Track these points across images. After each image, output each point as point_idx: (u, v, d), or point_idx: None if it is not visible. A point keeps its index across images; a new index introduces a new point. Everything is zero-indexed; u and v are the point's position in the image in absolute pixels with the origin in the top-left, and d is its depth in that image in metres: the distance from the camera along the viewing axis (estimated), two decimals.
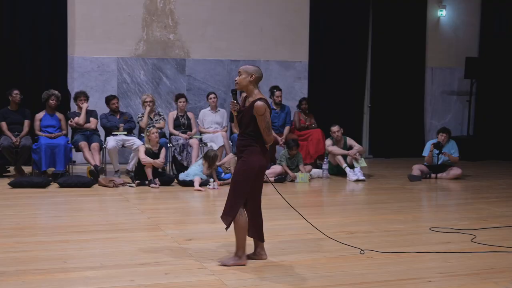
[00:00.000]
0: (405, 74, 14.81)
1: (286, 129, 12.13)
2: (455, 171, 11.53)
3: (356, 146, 11.58)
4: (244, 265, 5.59)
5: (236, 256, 5.64)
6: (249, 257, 5.79)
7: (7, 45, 11.99)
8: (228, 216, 5.58)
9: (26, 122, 10.94)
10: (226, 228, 5.65)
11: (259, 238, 5.82)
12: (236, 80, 5.68)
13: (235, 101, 5.72)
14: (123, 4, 12.72)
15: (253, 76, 5.57)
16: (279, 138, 11.87)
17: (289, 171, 10.93)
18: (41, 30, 12.18)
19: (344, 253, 6.09)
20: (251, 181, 5.55)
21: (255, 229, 5.76)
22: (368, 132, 14.86)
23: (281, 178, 10.74)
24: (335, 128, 11.52)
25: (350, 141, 11.69)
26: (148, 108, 11.26)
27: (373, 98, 14.77)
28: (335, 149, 11.49)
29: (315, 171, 11.40)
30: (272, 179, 10.66)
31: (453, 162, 11.62)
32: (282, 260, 5.82)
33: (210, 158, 10.25)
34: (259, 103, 5.47)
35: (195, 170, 10.28)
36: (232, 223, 5.58)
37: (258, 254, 5.85)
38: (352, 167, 11.32)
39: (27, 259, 5.70)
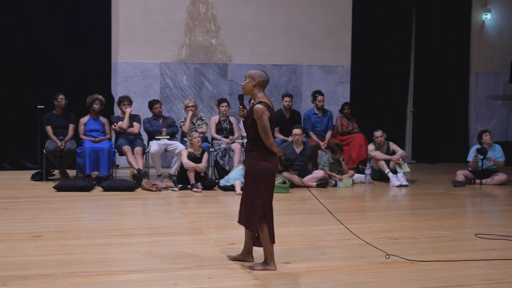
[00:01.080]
0: (449, 78, 14.62)
1: (328, 134, 12.08)
2: (500, 177, 11.34)
3: (399, 151, 11.47)
4: (274, 270, 5.56)
5: (265, 263, 5.62)
6: (235, 258, 5.85)
7: (52, 51, 12.19)
8: (251, 222, 5.60)
9: (71, 126, 11.09)
10: (255, 233, 5.68)
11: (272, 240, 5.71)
12: (242, 85, 5.70)
13: (241, 106, 5.75)
14: (166, 9, 12.83)
15: (256, 80, 5.56)
16: (321, 143, 11.82)
17: (334, 174, 10.87)
18: (85, 36, 12.36)
19: (387, 259, 6.02)
20: (262, 184, 5.54)
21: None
22: (411, 137, 14.70)
23: (323, 183, 10.69)
24: (378, 133, 11.43)
25: (393, 146, 11.58)
26: (190, 113, 11.32)
27: (416, 103, 14.60)
28: (378, 154, 11.39)
29: (357, 176, 11.31)
30: (313, 184, 10.63)
31: (498, 168, 11.43)
32: (324, 266, 5.79)
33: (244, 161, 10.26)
34: (257, 106, 5.47)
35: (236, 174, 10.29)
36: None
37: (244, 255, 5.85)
38: (395, 172, 11.22)
39: (72, 262, 5.77)
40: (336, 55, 13.88)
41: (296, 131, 10.92)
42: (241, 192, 9.59)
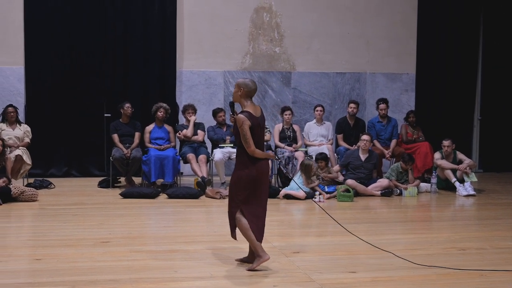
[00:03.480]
0: None
1: (393, 142, 11.93)
2: None
3: (467, 160, 11.24)
4: (268, 259, 5.76)
5: (257, 257, 5.80)
6: (242, 260, 6.06)
7: (119, 60, 12.43)
8: (231, 228, 5.98)
9: (137, 134, 11.26)
10: (235, 237, 6.03)
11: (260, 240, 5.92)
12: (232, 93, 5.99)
13: (232, 113, 5.94)
14: (230, 18, 12.93)
15: (242, 90, 5.82)
16: (386, 151, 11.66)
17: (399, 184, 10.73)
18: (151, 45, 12.56)
19: (455, 270, 5.89)
20: (241, 192, 5.77)
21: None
22: (478, 146, 14.39)
23: (387, 192, 10.55)
24: (447, 143, 11.20)
25: (460, 155, 11.35)
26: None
27: (483, 110, 14.29)
28: (444, 163, 11.19)
29: (423, 185, 11.13)
30: (378, 192, 10.51)
31: None
32: (390, 276, 5.70)
33: (303, 167, 10.22)
34: (239, 116, 5.71)
35: (296, 182, 10.25)
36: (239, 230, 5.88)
37: (250, 257, 6.00)
38: (462, 181, 10.99)
39: (139, 268, 5.85)
40: (401, 62, 13.72)
41: (365, 136, 10.84)
42: (304, 197, 9.74)
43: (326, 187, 10.41)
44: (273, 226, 8.05)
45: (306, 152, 11.47)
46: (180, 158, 11.06)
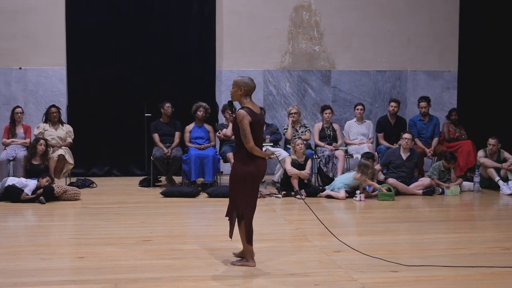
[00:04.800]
0: None
1: (435, 140, 11.78)
2: None
3: (511, 159, 11.04)
4: (253, 266, 5.83)
5: (246, 259, 5.92)
6: (238, 255, 6.11)
7: (159, 60, 12.52)
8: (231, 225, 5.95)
9: (177, 134, 11.32)
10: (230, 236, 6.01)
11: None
12: (230, 92, 6.00)
13: (230, 112, 6.02)
14: (269, 17, 12.92)
15: (242, 89, 5.86)
16: (427, 150, 11.52)
17: (441, 183, 10.59)
18: (190, 45, 12.64)
19: (499, 269, 5.80)
20: (239, 187, 5.81)
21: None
22: None
23: (429, 191, 10.43)
24: (493, 141, 11.01)
25: (504, 153, 11.16)
26: (290, 120, 11.32)
27: None
28: (488, 162, 11.01)
29: (465, 184, 10.97)
30: (419, 191, 10.39)
31: None
32: (433, 275, 5.63)
33: (362, 166, 10.11)
34: (239, 111, 5.76)
35: (342, 181, 10.19)
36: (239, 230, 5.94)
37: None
38: (506, 180, 10.81)
39: (181, 266, 5.88)
40: (443, 60, 13.55)
41: (406, 135, 10.74)
42: (344, 198, 9.70)
43: (367, 186, 10.34)
44: (313, 225, 8.00)
45: (346, 151, 11.41)
46: (220, 157, 11.08)
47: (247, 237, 5.87)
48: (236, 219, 5.90)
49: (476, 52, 13.52)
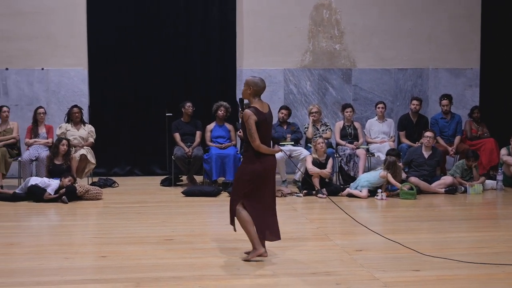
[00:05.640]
0: None
1: (457, 138, 11.69)
2: None
3: None
4: (264, 255, 5.97)
5: (253, 249, 6.00)
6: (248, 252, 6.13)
7: (179, 60, 12.56)
8: (231, 219, 6.09)
9: (198, 133, 11.35)
10: (234, 229, 6.18)
11: (262, 237, 6.07)
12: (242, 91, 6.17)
13: (240, 109, 6.15)
14: (290, 16, 12.90)
15: (251, 88, 6.01)
16: (449, 148, 11.44)
17: (464, 182, 10.51)
18: (211, 44, 12.65)
19: None
20: (245, 185, 5.93)
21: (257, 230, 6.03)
22: None
23: (451, 190, 10.35)
24: None
25: None
26: (311, 118, 11.30)
27: None
28: (511, 160, 10.91)
29: (488, 182, 10.87)
30: (442, 190, 10.33)
31: None
32: (455, 274, 5.59)
33: (390, 164, 10.05)
34: (246, 110, 5.92)
35: (366, 179, 10.15)
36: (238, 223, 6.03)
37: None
38: None
39: (202, 265, 5.89)
40: (464, 57, 13.44)
41: (428, 133, 10.68)
42: (366, 197, 9.66)
43: (390, 185, 10.27)
44: (335, 224, 8.02)
45: (367, 150, 11.36)
46: (241, 156, 11.05)
47: (246, 225, 5.99)
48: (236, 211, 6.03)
49: (499, 49, 13.38)
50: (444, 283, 5.33)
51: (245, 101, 6.16)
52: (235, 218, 6.04)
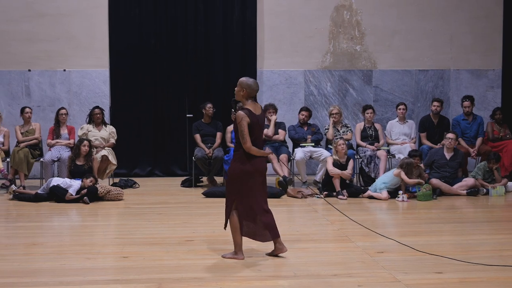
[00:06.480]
0: None
1: (479, 140, 11.60)
2: None
3: None
4: (241, 259, 6.07)
5: (234, 253, 6.17)
6: (270, 254, 6.27)
7: (200, 61, 12.59)
8: (225, 222, 6.23)
9: (218, 134, 11.36)
10: (224, 227, 6.29)
11: (253, 237, 6.28)
12: (235, 91, 6.20)
13: (233, 110, 6.26)
14: (310, 17, 12.89)
15: (245, 90, 6.09)
16: (471, 150, 11.35)
17: (485, 184, 10.44)
18: (231, 45, 12.67)
19: None
20: (235, 185, 6.05)
21: (248, 229, 6.22)
22: None
23: (473, 191, 10.28)
24: None
25: None
26: (331, 120, 11.28)
27: None
28: None
29: (510, 184, 10.77)
30: (463, 192, 10.26)
31: None
32: (478, 277, 5.54)
33: (406, 165, 10.03)
34: (239, 112, 5.97)
35: (383, 181, 10.12)
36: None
37: (277, 249, 6.23)
38: None
39: (224, 266, 5.90)
40: (486, 58, 13.33)
41: (450, 135, 10.61)
42: (387, 198, 9.63)
43: (410, 187, 10.22)
44: (356, 226, 7.96)
45: (388, 151, 11.32)
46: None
47: (234, 230, 6.14)
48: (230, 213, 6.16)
49: None
50: (467, 286, 5.29)
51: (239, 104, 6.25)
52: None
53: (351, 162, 10.34)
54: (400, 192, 9.88)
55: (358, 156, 11.21)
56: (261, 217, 6.15)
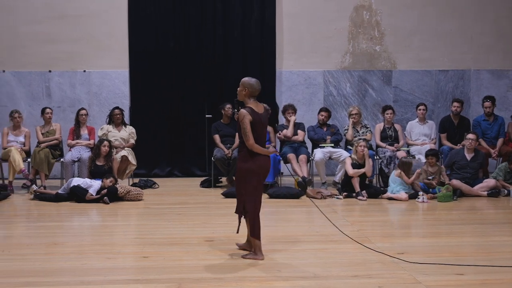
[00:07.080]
0: None
1: (500, 141, 11.51)
2: None
3: None
4: (261, 260, 6.10)
5: (254, 253, 6.22)
6: (242, 247, 6.52)
7: (219, 62, 12.61)
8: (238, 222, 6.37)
9: (237, 135, 11.35)
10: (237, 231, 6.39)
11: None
12: (237, 91, 6.30)
13: (236, 110, 6.31)
14: (329, 17, 12.86)
15: (246, 90, 6.19)
16: (492, 151, 11.27)
17: (507, 185, 10.36)
18: (250, 46, 12.67)
19: None
20: (245, 185, 6.14)
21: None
22: None
23: (494, 193, 10.20)
24: None
25: None
26: (351, 120, 11.26)
27: None
28: None
29: None
30: (484, 193, 10.18)
31: None
32: (500, 279, 5.50)
33: (402, 165, 10.02)
34: (241, 110, 6.07)
35: (394, 181, 10.10)
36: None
37: (247, 246, 6.48)
38: None
39: (243, 266, 5.90)
40: (507, 58, 13.23)
41: (470, 135, 10.53)
42: (407, 199, 9.60)
43: (431, 189, 10.16)
44: (375, 227, 7.96)
45: (408, 152, 11.26)
46: (281, 158, 11.08)
47: (251, 231, 6.20)
48: (243, 214, 6.26)
49: None
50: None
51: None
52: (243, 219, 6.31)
53: (370, 161, 10.25)
54: (420, 192, 9.84)
55: (377, 157, 11.17)
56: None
